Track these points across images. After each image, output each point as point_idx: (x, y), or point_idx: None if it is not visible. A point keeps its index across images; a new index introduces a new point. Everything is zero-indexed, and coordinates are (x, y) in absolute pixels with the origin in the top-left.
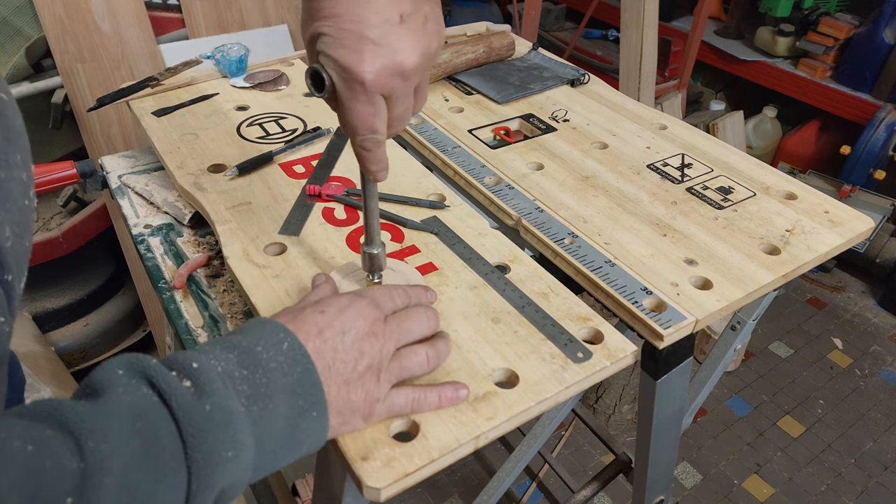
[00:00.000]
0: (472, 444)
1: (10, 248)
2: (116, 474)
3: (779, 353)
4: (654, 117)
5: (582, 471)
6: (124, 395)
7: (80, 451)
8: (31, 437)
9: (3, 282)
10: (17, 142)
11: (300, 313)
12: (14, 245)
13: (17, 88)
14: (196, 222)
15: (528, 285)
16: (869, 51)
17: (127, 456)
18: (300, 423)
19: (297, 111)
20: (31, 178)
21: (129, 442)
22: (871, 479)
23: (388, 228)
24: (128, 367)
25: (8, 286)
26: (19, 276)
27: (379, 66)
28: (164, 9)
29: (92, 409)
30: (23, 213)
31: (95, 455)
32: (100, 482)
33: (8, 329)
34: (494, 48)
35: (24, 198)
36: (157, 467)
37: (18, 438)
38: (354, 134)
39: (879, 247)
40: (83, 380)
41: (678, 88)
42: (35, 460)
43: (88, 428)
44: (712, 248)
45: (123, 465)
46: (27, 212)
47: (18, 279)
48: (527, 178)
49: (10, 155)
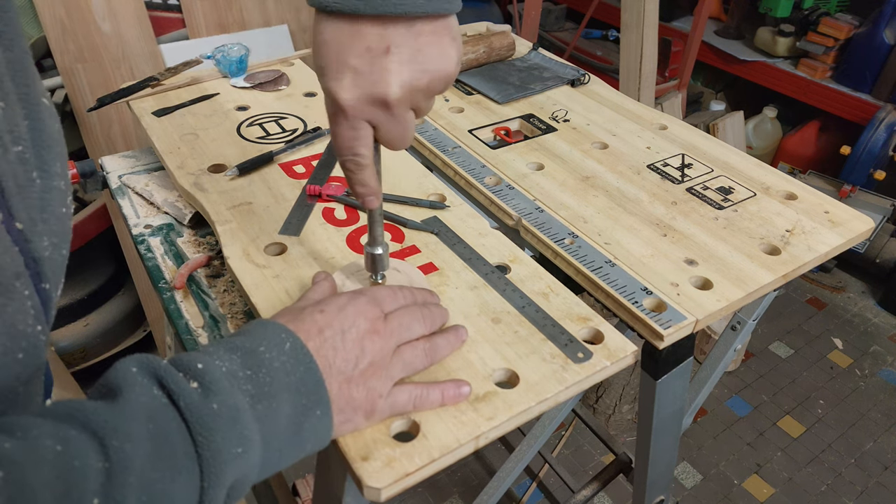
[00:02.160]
0: (473, 444)
1: (48, 258)
2: (138, 473)
3: (779, 353)
4: (654, 117)
5: (582, 471)
6: (141, 397)
7: (105, 451)
8: (60, 437)
9: (41, 291)
10: (56, 149)
11: (300, 313)
12: (52, 255)
13: None
14: (196, 222)
15: (529, 285)
16: (869, 51)
17: (144, 456)
18: (304, 421)
19: (297, 111)
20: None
21: (145, 442)
22: (871, 479)
23: (389, 228)
24: (140, 367)
25: (45, 295)
26: (56, 285)
27: (358, 94)
28: (164, 9)
29: (112, 409)
30: (60, 222)
31: (119, 454)
32: (124, 481)
33: (44, 338)
34: (495, 48)
35: (61, 206)
36: (172, 466)
37: (49, 438)
38: (339, 154)
39: (879, 247)
40: (99, 379)
41: (678, 88)
42: (64, 460)
43: (112, 428)
44: (712, 248)
45: (142, 464)
46: (65, 220)
47: (55, 288)
48: (527, 178)
49: (50, 163)
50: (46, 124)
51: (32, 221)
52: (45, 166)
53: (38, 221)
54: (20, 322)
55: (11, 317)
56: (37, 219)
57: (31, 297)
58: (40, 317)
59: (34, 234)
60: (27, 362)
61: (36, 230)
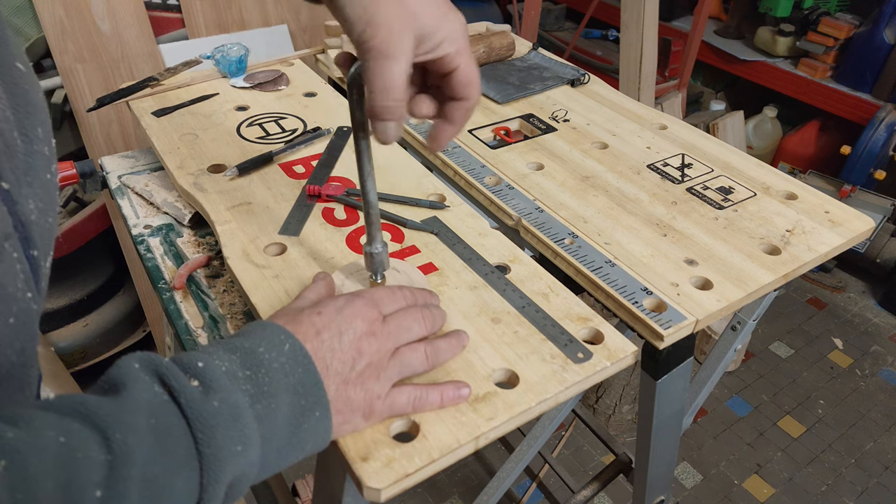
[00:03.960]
0: (473, 444)
1: (35, 222)
2: (140, 467)
3: (779, 353)
4: (654, 117)
5: (582, 471)
6: (143, 393)
7: (108, 444)
8: (63, 429)
9: (30, 258)
10: (38, 115)
11: (298, 315)
12: (38, 220)
13: None
14: (196, 222)
15: (529, 285)
16: (869, 51)
17: (146, 450)
18: (302, 422)
19: (297, 111)
20: (52, 152)
21: (147, 436)
22: (872, 480)
23: (389, 228)
24: (142, 364)
25: (34, 262)
26: (45, 254)
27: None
28: (163, 9)
29: (115, 404)
30: (45, 189)
31: (122, 447)
32: (126, 474)
33: (36, 307)
34: (494, 48)
35: (46, 172)
36: (173, 461)
37: (52, 429)
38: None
39: (880, 247)
40: (101, 376)
41: (678, 88)
42: (67, 451)
43: (115, 421)
44: (712, 248)
45: (144, 458)
46: (50, 187)
47: (44, 256)
48: (527, 178)
49: (31, 129)
50: (25, 90)
51: (18, 184)
52: (25, 130)
53: (22, 184)
54: (10, 285)
55: (1, 277)
56: (21, 181)
57: (20, 260)
58: (30, 283)
59: (20, 196)
60: (18, 329)
61: (21, 193)
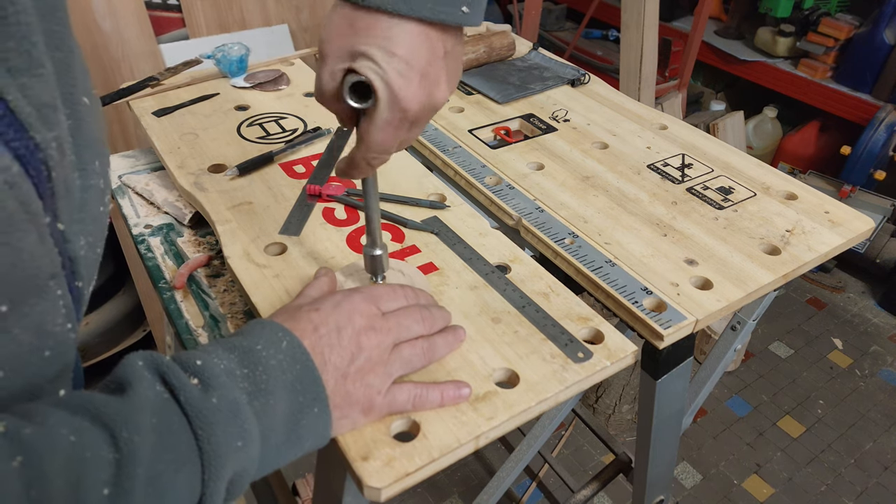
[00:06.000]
0: (473, 443)
1: (83, 257)
2: (145, 465)
3: (779, 353)
4: (654, 117)
5: (582, 471)
6: (146, 391)
7: (115, 443)
8: (74, 427)
9: (73, 289)
10: (96, 148)
11: (296, 312)
12: (87, 254)
13: None
14: (196, 222)
15: (529, 285)
16: (869, 51)
17: (151, 448)
18: (301, 418)
19: (297, 111)
20: (107, 184)
21: (151, 435)
22: (871, 480)
23: (389, 228)
24: (145, 362)
25: (77, 293)
26: (88, 283)
27: (424, 99)
28: (164, 8)
29: (121, 402)
30: (97, 222)
31: (129, 446)
32: (133, 472)
33: (73, 335)
34: (495, 48)
35: (99, 204)
36: (176, 459)
37: (64, 427)
38: (369, 150)
39: (879, 247)
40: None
41: (678, 88)
42: (77, 450)
43: (122, 420)
44: (712, 248)
45: (149, 456)
46: (101, 219)
47: (87, 286)
48: (527, 178)
49: (89, 162)
50: (87, 123)
51: (71, 221)
52: (84, 165)
53: (75, 221)
54: (49, 322)
55: (40, 316)
56: (75, 218)
57: (63, 296)
58: (71, 315)
59: (72, 234)
60: (53, 360)
61: (73, 230)
